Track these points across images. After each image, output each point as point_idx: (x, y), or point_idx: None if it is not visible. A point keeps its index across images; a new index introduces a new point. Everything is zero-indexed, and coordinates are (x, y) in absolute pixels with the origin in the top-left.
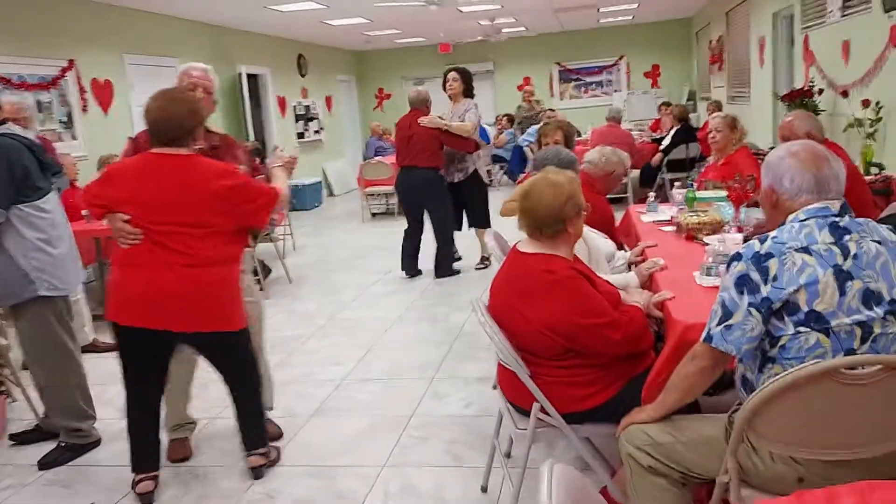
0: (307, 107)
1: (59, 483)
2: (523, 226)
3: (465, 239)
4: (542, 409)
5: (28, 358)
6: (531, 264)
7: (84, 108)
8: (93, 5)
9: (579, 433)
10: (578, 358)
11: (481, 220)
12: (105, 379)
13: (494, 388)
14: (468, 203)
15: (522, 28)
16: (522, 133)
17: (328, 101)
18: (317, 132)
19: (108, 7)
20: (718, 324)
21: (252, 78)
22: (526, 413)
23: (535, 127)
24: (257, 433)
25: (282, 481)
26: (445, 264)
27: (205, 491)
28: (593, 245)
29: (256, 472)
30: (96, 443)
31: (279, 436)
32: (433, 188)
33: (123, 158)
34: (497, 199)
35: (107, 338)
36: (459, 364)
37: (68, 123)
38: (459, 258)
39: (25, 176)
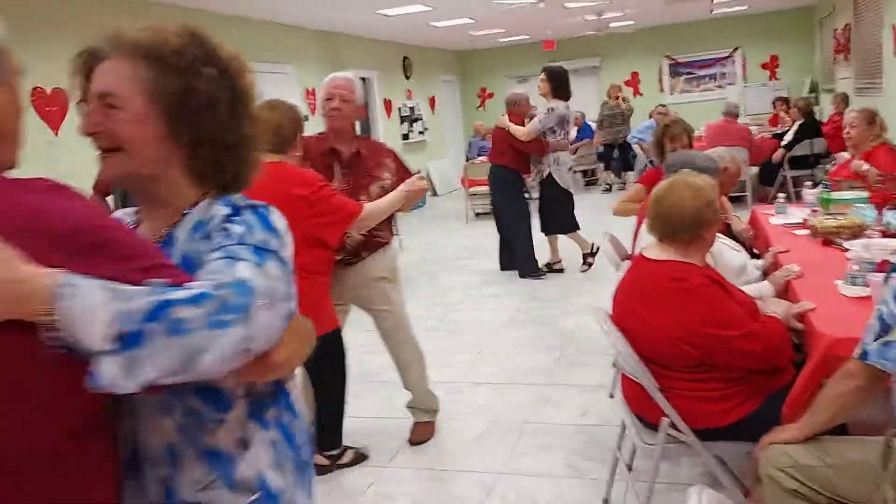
0: (412, 108)
1: None
2: (654, 230)
3: (563, 240)
4: (672, 424)
5: None
6: (660, 272)
7: None
8: (214, 17)
9: (711, 451)
10: (712, 371)
11: (552, 227)
12: None
13: (611, 396)
14: (542, 206)
15: (630, 21)
16: (604, 130)
17: (432, 101)
18: (421, 133)
19: (228, 17)
20: (876, 339)
21: (361, 81)
22: (653, 427)
23: (647, 123)
24: (330, 434)
25: (400, 483)
26: (525, 264)
27: (327, 488)
28: (720, 258)
29: (317, 470)
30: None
31: (423, 440)
32: (499, 185)
33: None
34: (602, 200)
35: None
36: (572, 371)
37: None
38: (559, 261)
39: None
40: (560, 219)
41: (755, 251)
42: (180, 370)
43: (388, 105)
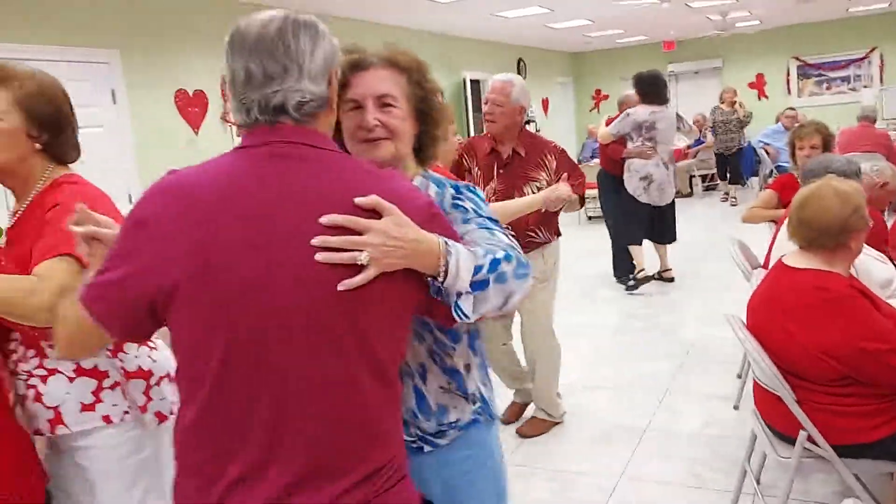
0: None
1: None
2: (797, 237)
3: (670, 248)
4: (810, 439)
5: None
6: (802, 281)
7: None
8: (342, 22)
9: (851, 468)
10: (856, 386)
11: (654, 235)
12: None
13: (736, 408)
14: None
15: (756, 21)
16: (716, 138)
17: (545, 103)
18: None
19: (354, 22)
20: None
21: (474, 83)
22: (788, 440)
23: (774, 127)
24: None
25: (520, 483)
26: (619, 269)
27: None
28: (863, 269)
29: None
30: None
31: (532, 434)
32: (601, 188)
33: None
34: (722, 205)
35: None
36: (693, 379)
37: None
38: (667, 269)
39: None
40: (622, 228)
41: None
42: (499, 308)
43: None
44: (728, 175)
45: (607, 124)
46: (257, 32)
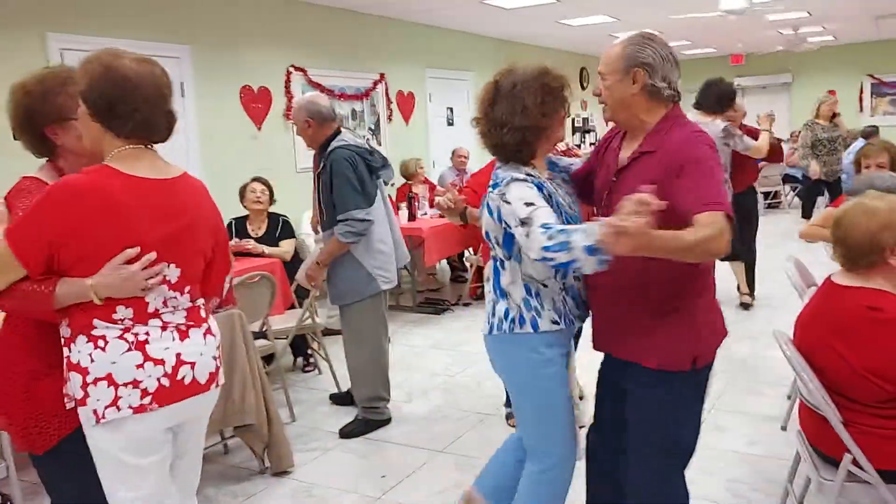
0: (585, 119)
1: (356, 453)
2: (837, 256)
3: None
4: (855, 462)
5: (347, 340)
6: (851, 299)
7: (389, 117)
8: (401, 24)
9: None
10: None
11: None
12: (396, 365)
13: (784, 429)
14: None
15: (830, 37)
16: (816, 159)
17: None
18: (592, 144)
19: (414, 25)
20: None
21: None
22: (832, 462)
23: (858, 145)
24: None
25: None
26: None
27: None
28: None
29: None
30: (387, 421)
31: None
32: None
33: None
34: (783, 222)
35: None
36: (741, 398)
37: (375, 130)
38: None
39: (362, 183)
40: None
41: None
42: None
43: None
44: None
45: None
46: None
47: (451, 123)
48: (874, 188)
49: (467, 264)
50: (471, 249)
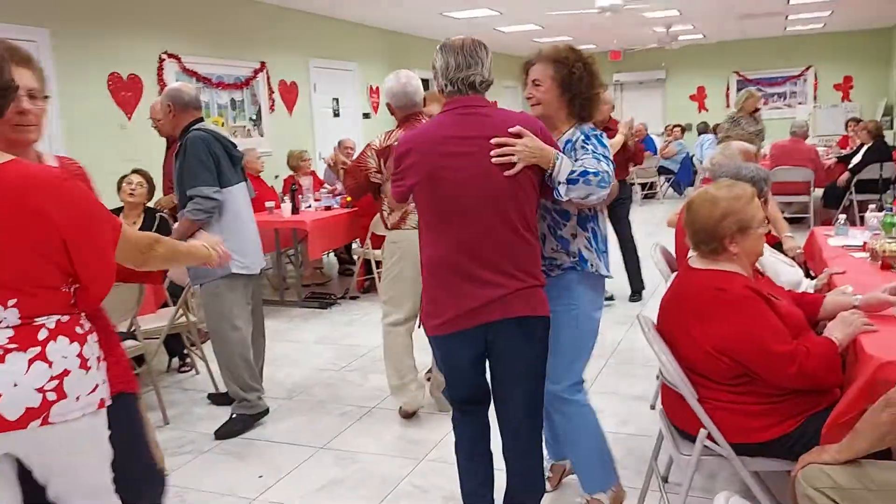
0: None
1: (233, 454)
2: (688, 241)
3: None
4: (710, 437)
5: (209, 328)
6: (702, 281)
7: (272, 108)
8: (284, 11)
9: (749, 466)
10: (753, 385)
11: None
12: (279, 362)
13: (653, 407)
14: None
15: (700, 35)
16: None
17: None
18: None
19: (297, 13)
20: None
21: (424, 82)
22: (690, 438)
23: (709, 137)
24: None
25: (433, 476)
26: None
27: None
28: (771, 272)
29: None
30: (264, 412)
31: None
32: None
33: None
34: (660, 212)
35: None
36: (614, 381)
37: (257, 121)
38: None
39: (217, 164)
40: None
41: (811, 273)
42: (582, 198)
43: None
44: None
45: None
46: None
47: (336, 114)
48: (738, 176)
49: (354, 257)
50: (358, 241)
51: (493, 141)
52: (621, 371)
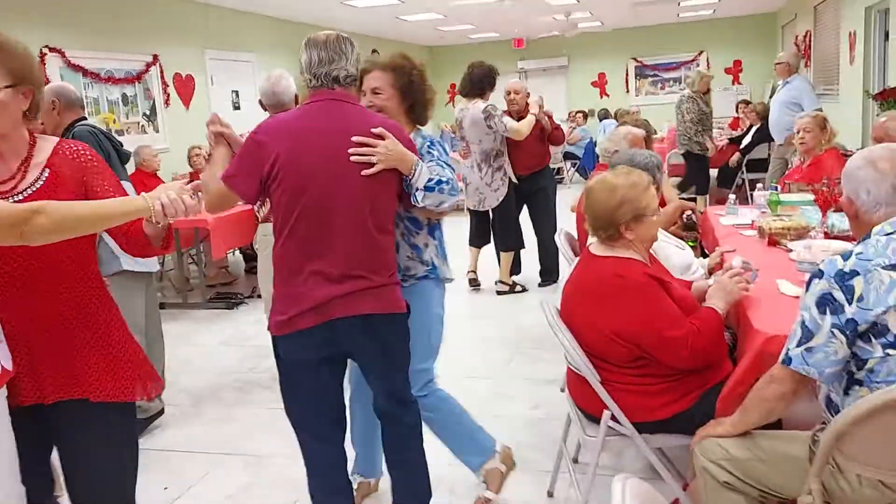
0: None
1: None
2: (587, 226)
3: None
4: (613, 417)
5: None
6: (602, 268)
7: (167, 102)
8: (176, 1)
9: (651, 443)
10: (650, 367)
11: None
12: (182, 368)
13: (562, 391)
14: None
15: (598, 23)
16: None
17: None
18: None
19: (190, 3)
20: (798, 345)
21: None
22: (595, 420)
23: (609, 123)
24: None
25: None
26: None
27: None
28: (662, 256)
29: None
30: (158, 414)
31: None
32: None
33: None
34: (568, 197)
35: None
36: (526, 365)
37: (151, 116)
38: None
39: (107, 159)
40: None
41: (706, 251)
42: (436, 206)
43: None
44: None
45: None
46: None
47: (237, 107)
48: (632, 163)
49: None
50: None
51: (354, 139)
52: (531, 356)
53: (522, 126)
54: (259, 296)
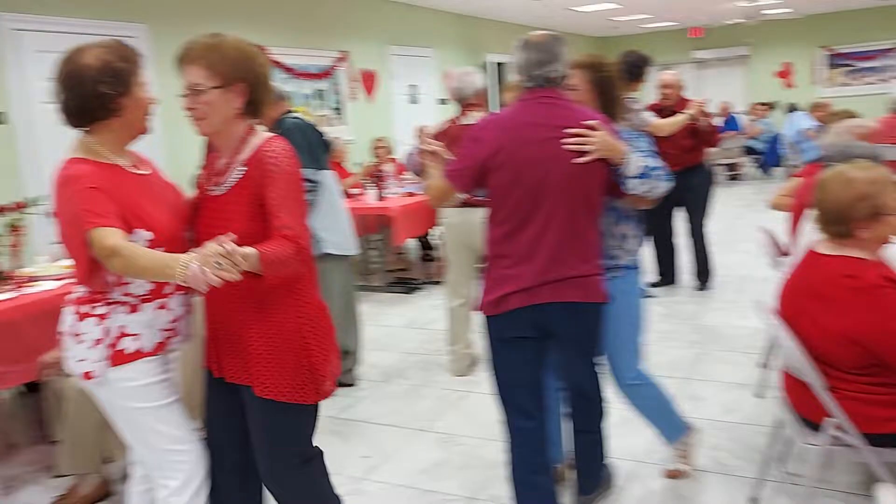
0: None
1: (336, 434)
2: (816, 224)
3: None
4: (838, 426)
5: None
6: (830, 268)
7: (353, 96)
8: (364, 1)
9: (882, 457)
10: (883, 375)
11: None
12: (371, 345)
13: (758, 396)
14: None
15: (787, 9)
16: None
17: None
18: None
19: (377, 1)
20: None
21: (499, 66)
22: (814, 426)
23: (799, 115)
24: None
25: None
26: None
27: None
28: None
29: None
30: (349, 385)
31: None
32: None
33: None
34: (743, 195)
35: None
36: (714, 367)
37: (339, 109)
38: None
39: (312, 149)
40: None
41: None
42: (648, 192)
43: None
44: None
45: None
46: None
47: (414, 101)
48: (855, 156)
49: (434, 242)
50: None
51: (569, 131)
52: (719, 357)
53: (664, 124)
54: (435, 283)
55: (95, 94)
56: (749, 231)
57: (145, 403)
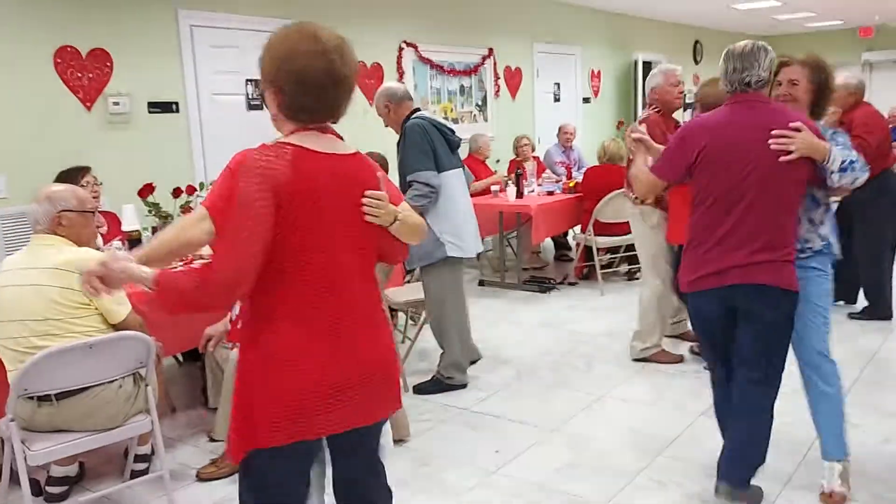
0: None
1: (469, 426)
2: None
3: None
4: None
5: (428, 309)
6: None
7: (496, 93)
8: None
9: None
10: None
11: None
12: (505, 341)
13: None
14: None
15: None
16: None
17: None
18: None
19: (516, 1)
20: None
21: (646, 65)
22: None
23: None
24: None
25: (670, 472)
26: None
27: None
28: None
29: None
30: (460, 387)
31: None
32: None
33: None
34: None
35: None
36: (872, 393)
37: (482, 106)
38: None
39: (434, 150)
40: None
41: None
42: (850, 183)
43: None
44: None
45: None
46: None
47: (557, 100)
48: None
49: (573, 243)
50: (578, 228)
51: (774, 132)
52: (879, 383)
53: None
54: (571, 283)
55: None
56: None
57: None
